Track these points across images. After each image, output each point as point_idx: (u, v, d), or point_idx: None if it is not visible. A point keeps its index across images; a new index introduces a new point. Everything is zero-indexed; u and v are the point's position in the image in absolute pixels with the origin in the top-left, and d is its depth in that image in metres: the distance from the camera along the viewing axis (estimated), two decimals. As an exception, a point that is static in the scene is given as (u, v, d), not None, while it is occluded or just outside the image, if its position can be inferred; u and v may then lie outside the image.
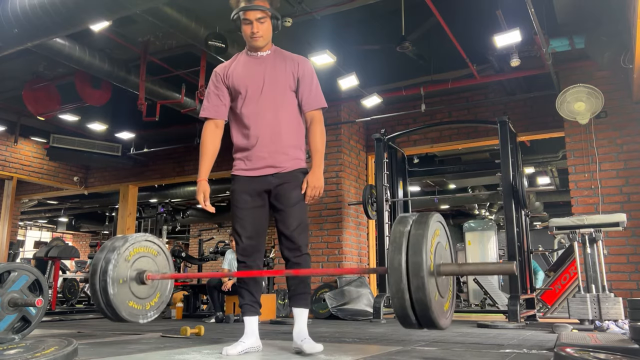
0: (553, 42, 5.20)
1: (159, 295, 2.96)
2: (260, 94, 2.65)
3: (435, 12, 4.84)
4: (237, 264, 2.68)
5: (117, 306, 2.67)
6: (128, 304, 2.75)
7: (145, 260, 2.92)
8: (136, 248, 2.89)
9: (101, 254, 2.75)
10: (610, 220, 4.44)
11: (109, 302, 2.66)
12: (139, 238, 2.93)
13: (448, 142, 7.17)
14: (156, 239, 3.05)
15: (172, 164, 9.47)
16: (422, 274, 1.80)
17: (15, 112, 8.25)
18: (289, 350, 2.68)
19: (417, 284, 1.81)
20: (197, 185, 2.63)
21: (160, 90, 6.42)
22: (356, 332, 3.97)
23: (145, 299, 2.87)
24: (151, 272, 2.87)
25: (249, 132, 2.65)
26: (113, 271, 2.70)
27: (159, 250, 3.03)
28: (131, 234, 3.02)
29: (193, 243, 16.80)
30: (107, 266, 2.70)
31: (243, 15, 2.60)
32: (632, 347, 2.55)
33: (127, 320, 2.71)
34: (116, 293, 2.68)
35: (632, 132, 5.60)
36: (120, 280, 2.74)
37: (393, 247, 1.90)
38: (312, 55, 5.42)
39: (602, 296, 4.30)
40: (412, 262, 1.83)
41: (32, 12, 4.07)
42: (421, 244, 1.85)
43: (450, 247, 2.20)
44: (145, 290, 2.87)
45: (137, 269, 2.85)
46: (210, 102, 2.71)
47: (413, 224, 1.94)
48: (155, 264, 2.96)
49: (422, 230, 1.89)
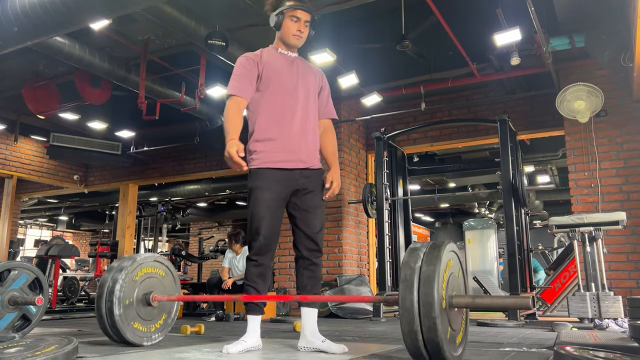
0: (553, 40, 5.20)
1: (164, 317, 2.95)
2: (295, 90, 2.68)
3: (435, 11, 4.83)
4: (247, 262, 2.64)
5: (122, 328, 2.65)
6: (133, 325, 2.73)
7: (152, 282, 2.90)
8: (144, 268, 2.87)
9: (109, 274, 2.74)
10: (610, 218, 4.44)
11: (114, 324, 2.64)
12: (148, 258, 2.92)
13: (448, 140, 7.17)
14: (164, 260, 3.04)
15: (172, 162, 9.47)
16: (434, 314, 1.81)
17: (15, 111, 8.25)
18: (289, 349, 2.69)
19: (428, 324, 1.82)
20: (229, 143, 2.42)
21: (160, 89, 6.41)
22: (356, 331, 3.97)
23: (150, 321, 2.85)
24: (158, 293, 2.86)
25: (282, 122, 2.63)
26: (120, 291, 2.68)
27: (167, 272, 3.01)
28: (140, 253, 2.99)
29: (193, 241, 16.80)
30: (114, 286, 2.68)
31: (293, 12, 2.63)
32: (632, 345, 2.55)
33: (131, 343, 2.69)
34: (122, 314, 2.66)
35: (632, 130, 5.60)
36: (126, 301, 2.71)
37: (404, 286, 1.89)
38: (312, 53, 5.42)
39: (602, 295, 4.31)
40: (423, 303, 1.83)
41: (32, 10, 4.07)
42: (432, 282, 1.85)
43: (464, 272, 2.19)
44: (150, 311, 2.86)
45: (144, 289, 2.83)
46: (240, 82, 2.66)
47: (424, 259, 1.92)
48: (162, 285, 2.95)
49: (434, 266, 1.88)
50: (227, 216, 15.11)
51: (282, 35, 2.70)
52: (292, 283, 6.97)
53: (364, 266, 7.26)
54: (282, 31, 2.68)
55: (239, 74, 2.68)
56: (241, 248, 6.00)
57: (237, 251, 6.02)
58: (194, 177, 9.65)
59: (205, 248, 9.81)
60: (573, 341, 2.71)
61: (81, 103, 6.94)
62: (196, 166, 9.21)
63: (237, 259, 6.01)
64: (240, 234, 6.08)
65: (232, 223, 16.41)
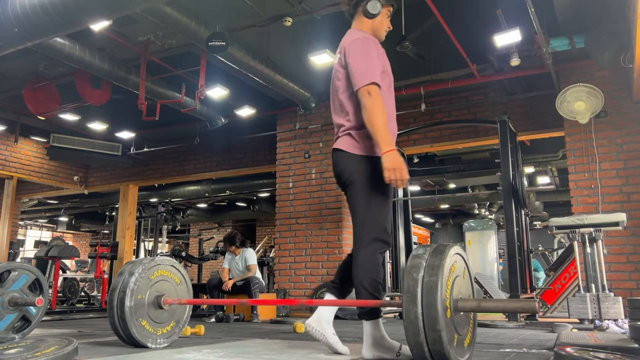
0: (553, 41, 5.20)
1: (172, 324, 2.95)
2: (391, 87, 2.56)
3: (435, 12, 4.83)
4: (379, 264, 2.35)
5: (129, 322, 2.65)
6: (141, 322, 2.74)
7: (166, 285, 2.93)
8: (161, 270, 2.90)
9: (126, 267, 2.79)
10: (610, 219, 4.44)
11: (123, 315, 2.65)
12: (166, 262, 2.95)
13: (448, 141, 7.17)
14: (181, 268, 3.06)
15: (172, 163, 9.47)
16: (438, 327, 1.81)
17: (16, 112, 8.25)
18: (289, 349, 2.68)
19: (433, 337, 1.82)
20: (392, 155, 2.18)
21: (161, 90, 6.42)
22: (357, 332, 3.97)
23: (158, 324, 2.86)
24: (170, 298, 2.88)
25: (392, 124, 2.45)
26: (135, 284, 2.70)
27: (182, 280, 3.03)
28: (158, 256, 3.01)
29: (193, 242, 16.80)
30: (130, 278, 2.71)
31: (389, 8, 2.55)
32: (632, 346, 2.55)
33: (136, 340, 2.69)
34: (132, 307, 2.67)
35: (632, 131, 5.60)
36: (139, 295, 2.73)
37: (407, 298, 1.88)
38: (312, 54, 5.42)
39: (602, 296, 4.30)
40: (427, 315, 1.83)
41: (32, 11, 4.07)
42: (435, 294, 1.84)
43: (470, 273, 2.18)
44: (160, 314, 2.86)
45: (158, 290, 2.85)
46: (377, 70, 2.38)
47: (426, 268, 1.91)
48: (175, 292, 2.97)
49: (436, 277, 1.87)
50: (227, 217, 15.11)
51: (375, 27, 2.55)
52: (292, 284, 6.97)
53: (364, 267, 7.26)
54: (376, 23, 2.53)
55: (376, 58, 2.38)
56: (238, 249, 5.99)
57: (235, 252, 6.02)
58: (194, 178, 9.66)
59: (205, 249, 9.80)
60: (573, 342, 2.71)
61: (81, 104, 6.94)
62: (196, 167, 9.22)
63: (236, 260, 6.00)
64: (237, 235, 6.07)
65: (232, 224, 16.42)
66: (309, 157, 7.21)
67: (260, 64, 5.60)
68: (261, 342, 3.13)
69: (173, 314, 2.94)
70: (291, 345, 2.87)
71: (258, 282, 5.78)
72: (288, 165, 7.37)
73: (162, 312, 2.86)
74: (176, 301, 2.86)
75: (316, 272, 6.84)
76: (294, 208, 7.13)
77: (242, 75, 6.15)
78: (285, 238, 7.12)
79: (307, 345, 2.92)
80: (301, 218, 7.05)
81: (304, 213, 7.05)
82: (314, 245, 6.91)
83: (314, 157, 7.18)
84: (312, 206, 7.02)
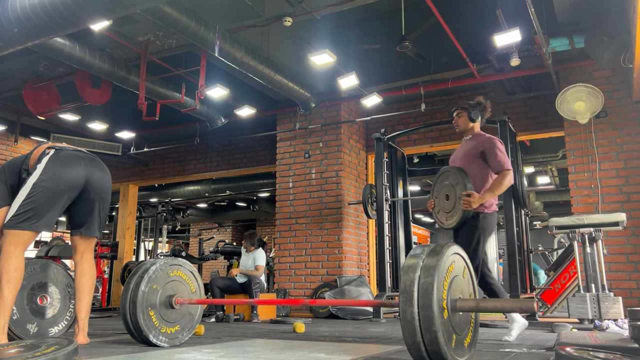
0: (553, 41, 5.20)
1: (178, 328, 2.98)
2: None
3: (435, 12, 4.84)
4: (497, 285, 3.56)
5: (139, 307, 2.71)
6: (149, 312, 2.79)
7: (181, 287, 3.00)
8: (180, 271, 3.00)
9: (151, 258, 2.92)
10: (610, 219, 4.44)
11: (134, 299, 2.72)
12: (187, 265, 3.05)
13: (448, 141, 7.17)
14: (199, 277, 3.14)
15: (173, 163, 9.47)
16: (434, 328, 1.82)
17: (16, 112, 8.24)
18: (289, 349, 2.68)
19: (430, 337, 1.82)
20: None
21: (161, 90, 6.42)
22: (356, 332, 3.97)
23: (165, 322, 2.90)
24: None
25: None
26: (154, 273, 2.81)
27: (197, 289, 3.11)
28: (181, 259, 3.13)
29: (193, 242, 16.80)
30: (151, 267, 2.82)
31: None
32: (632, 346, 2.55)
33: (140, 327, 2.72)
34: (145, 292, 2.75)
35: (632, 131, 5.60)
36: (154, 285, 2.81)
37: (404, 298, 1.89)
38: (312, 54, 5.42)
39: (602, 295, 4.30)
40: (423, 316, 1.83)
41: (32, 11, 4.07)
42: (431, 294, 1.84)
43: (470, 271, 2.18)
44: (170, 314, 2.91)
45: (172, 288, 2.94)
46: None
47: (423, 268, 1.91)
48: (188, 297, 3.03)
49: (432, 277, 1.87)
50: (227, 217, 15.10)
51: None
52: (292, 284, 6.98)
53: (364, 267, 7.26)
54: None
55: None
56: (252, 247, 6.15)
57: (249, 249, 6.17)
58: (194, 178, 9.66)
59: (205, 249, 9.79)
60: (573, 342, 2.71)
61: (81, 104, 6.94)
62: (196, 167, 9.22)
63: (247, 256, 6.18)
64: (256, 235, 6.27)
65: (232, 224, 16.41)
66: (309, 157, 7.21)
67: (260, 64, 5.60)
68: (261, 342, 3.14)
69: (181, 319, 2.99)
70: (291, 345, 2.87)
71: (259, 282, 5.80)
72: (288, 165, 7.37)
73: (172, 312, 2.92)
74: (187, 301, 2.94)
75: (316, 272, 6.84)
76: (294, 208, 7.13)
77: (242, 75, 6.15)
78: (285, 238, 7.12)
79: (307, 345, 2.92)
80: (301, 218, 7.05)
81: (304, 213, 7.06)
82: (314, 245, 6.91)
83: (314, 157, 7.18)
84: (312, 206, 7.02)
